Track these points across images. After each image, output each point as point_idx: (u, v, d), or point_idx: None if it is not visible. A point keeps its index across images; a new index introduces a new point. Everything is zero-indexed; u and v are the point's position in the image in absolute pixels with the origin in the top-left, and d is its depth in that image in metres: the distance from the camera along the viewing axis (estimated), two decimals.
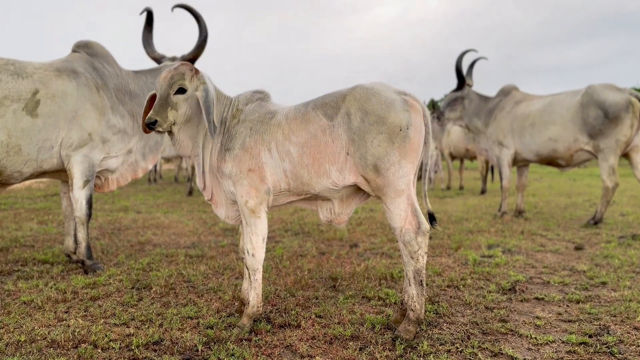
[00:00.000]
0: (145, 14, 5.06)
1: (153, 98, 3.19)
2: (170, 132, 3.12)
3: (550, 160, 7.01)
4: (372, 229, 6.57)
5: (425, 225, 2.93)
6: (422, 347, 2.81)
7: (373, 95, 2.94)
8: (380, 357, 2.70)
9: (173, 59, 5.13)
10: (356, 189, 3.13)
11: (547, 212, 8.25)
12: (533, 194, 11.37)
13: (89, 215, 4.53)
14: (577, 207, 8.96)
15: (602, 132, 6.40)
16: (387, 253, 5.20)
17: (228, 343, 2.86)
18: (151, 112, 2.97)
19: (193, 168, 11.51)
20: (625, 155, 6.58)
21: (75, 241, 4.65)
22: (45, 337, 2.92)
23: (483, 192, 12.05)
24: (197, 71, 3.10)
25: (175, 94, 3.02)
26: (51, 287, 3.92)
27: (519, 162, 7.49)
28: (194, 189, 11.81)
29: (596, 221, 6.79)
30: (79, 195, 4.44)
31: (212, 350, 2.78)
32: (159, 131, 3.02)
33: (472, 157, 13.53)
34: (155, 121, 2.96)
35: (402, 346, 2.82)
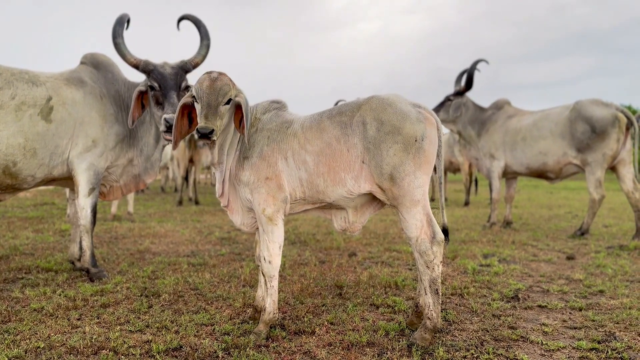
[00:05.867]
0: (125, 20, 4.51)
1: (184, 108, 3.13)
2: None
3: (540, 173, 7.11)
4: (367, 239, 6.58)
5: (440, 235, 2.94)
6: (438, 353, 2.81)
7: (389, 106, 2.96)
8: None
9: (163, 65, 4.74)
10: (371, 198, 3.13)
11: (533, 223, 8.35)
12: (515, 206, 11.51)
13: (94, 223, 4.48)
14: (560, 219, 9.09)
15: (590, 146, 6.52)
16: (387, 262, 5.21)
17: (247, 349, 2.84)
18: (205, 121, 2.81)
19: (184, 178, 11.42)
20: (612, 169, 6.70)
21: (80, 248, 4.60)
22: (64, 344, 2.87)
23: (467, 203, 12.16)
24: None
25: (225, 104, 2.91)
26: (59, 295, 3.85)
27: (509, 175, 7.59)
28: (183, 199, 11.71)
29: (583, 232, 6.90)
30: (85, 203, 4.39)
31: (232, 357, 2.75)
32: (213, 140, 2.89)
33: (456, 170, 13.65)
34: (212, 130, 2.79)
35: (419, 352, 2.82)
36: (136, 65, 4.37)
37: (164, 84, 4.28)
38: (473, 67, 7.74)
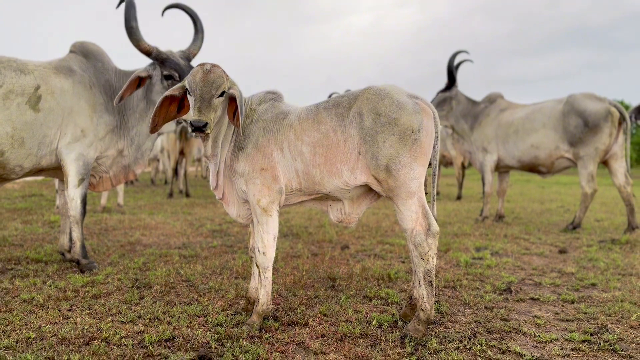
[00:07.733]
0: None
1: (166, 100, 3.11)
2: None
3: (531, 167, 7.15)
4: (359, 232, 6.60)
5: (436, 227, 2.96)
6: (431, 344, 2.84)
7: (385, 97, 2.97)
8: (392, 354, 2.72)
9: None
10: (367, 190, 3.15)
11: (525, 218, 8.41)
12: (507, 200, 11.58)
13: (84, 214, 4.47)
14: (552, 213, 9.15)
15: (582, 140, 6.56)
16: (380, 255, 5.23)
17: (240, 340, 2.85)
18: (198, 114, 2.80)
19: (175, 170, 11.38)
20: (604, 163, 6.75)
21: (70, 239, 4.59)
22: (55, 334, 2.87)
23: (459, 198, 12.21)
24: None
25: (218, 96, 2.90)
26: (50, 285, 3.84)
27: (501, 168, 7.63)
28: (174, 191, 11.67)
29: (575, 226, 6.95)
30: (74, 193, 4.38)
31: (225, 347, 2.76)
32: (207, 133, 2.88)
33: (448, 163, 13.69)
34: (206, 123, 2.79)
35: (412, 344, 2.85)
36: (149, 52, 4.38)
37: (182, 74, 4.36)
38: (451, 61, 7.90)
